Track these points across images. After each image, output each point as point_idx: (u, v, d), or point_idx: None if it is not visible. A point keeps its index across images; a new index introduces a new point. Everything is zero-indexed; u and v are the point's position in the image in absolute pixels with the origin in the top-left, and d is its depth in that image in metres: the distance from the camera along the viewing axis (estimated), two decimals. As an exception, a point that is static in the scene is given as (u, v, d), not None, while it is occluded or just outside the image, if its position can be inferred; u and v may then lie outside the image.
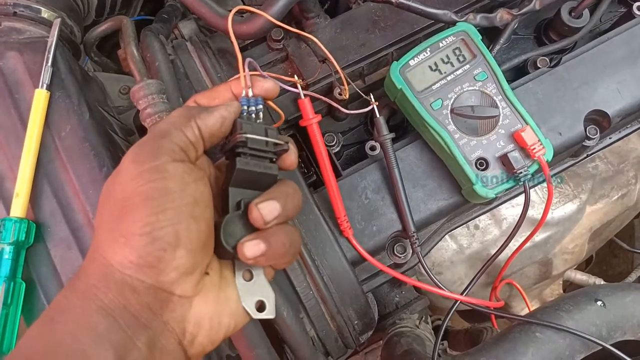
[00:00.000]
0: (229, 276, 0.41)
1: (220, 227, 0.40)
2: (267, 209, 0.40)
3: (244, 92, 0.44)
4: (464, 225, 0.77)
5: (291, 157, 0.45)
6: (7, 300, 0.49)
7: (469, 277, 0.81)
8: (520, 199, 0.75)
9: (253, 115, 0.43)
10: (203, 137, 0.40)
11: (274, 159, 0.43)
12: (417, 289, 0.78)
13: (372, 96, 0.59)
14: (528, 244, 0.79)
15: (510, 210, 0.77)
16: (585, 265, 1.08)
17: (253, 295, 0.42)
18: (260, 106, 0.44)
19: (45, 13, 0.60)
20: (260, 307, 0.42)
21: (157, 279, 0.35)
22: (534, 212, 0.78)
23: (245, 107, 0.43)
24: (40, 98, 0.54)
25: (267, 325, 0.53)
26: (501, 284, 0.80)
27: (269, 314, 0.42)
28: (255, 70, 0.47)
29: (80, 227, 0.52)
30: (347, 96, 0.60)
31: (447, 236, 0.76)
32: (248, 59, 0.46)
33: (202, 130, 0.40)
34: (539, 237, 0.79)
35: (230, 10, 0.54)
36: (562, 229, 0.79)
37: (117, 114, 0.67)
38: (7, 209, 0.52)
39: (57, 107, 0.54)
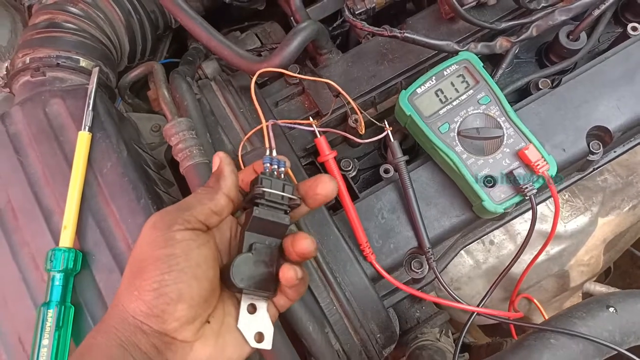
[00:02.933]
0: (229, 324, 0.47)
1: (232, 263, 0.46)
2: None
3: (267, 152, 0.50)
4: (480, 241, 0.81)
5: (302, 211, 0.52)
6: (59, 323, 0.53)
7: (486, 290, 0.84)
8: (530, 213, 0.79)
9: (275, 173, 0.49)
10: (233, 201, 0.47)
11: (287, 211, 0.49)
12: (437, 303, 0.81)
13: (385, 122, 0.64)
14: (543, 257, 0.82)
15: (524, 225, 0.80)
16: (605, 277, 1.09)
17: (254, 327, 0.48)
18: (283, 168, 0.50)
19: (84, 62, 0.67)
20: (260, 338, 0.48)
21: (161, 326, 0.42)
22: (547, 226, 0.81)
23: (268, 165, 0.49)
24: (83, 139, 0.60)
25: (295, 340, 0.56)
26: (518, 297, 0.82)
27: (266, 345, 0.48)
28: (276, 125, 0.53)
29: (121, 253, 0.57)
30: (364, 131, 0.64)
31: (463, 252, 0.80)
32: (271, 121, 0.52)
33: (231, 196, 0.47)
34: (553, 250, 0.81)
35: (248, 50, 0.60)
36: (576, 242, 0.82)
37: (149, 149, 0.72)
38: (56, 240, 0.57)
39: (99, 146, 0.60)
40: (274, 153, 0.51)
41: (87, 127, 0.60)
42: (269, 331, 0.48)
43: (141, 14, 0.75)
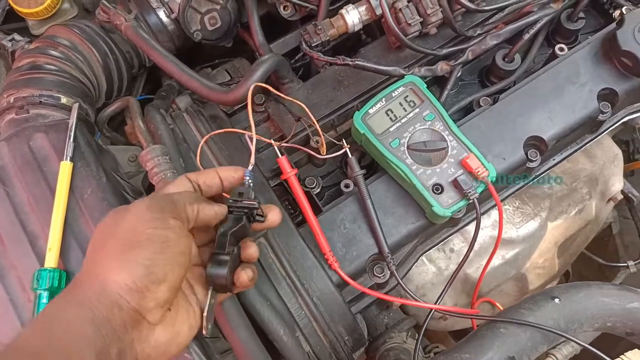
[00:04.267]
0: (183, 314, 0.52)
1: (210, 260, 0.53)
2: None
3: (250, 167, 0.58)
4: (441, 250, 0.87)
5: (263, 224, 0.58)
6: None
7: (451, 296, 0.89)
8: (487, 221, 0.86)
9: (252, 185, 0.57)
10: (196, 219, 0.51)
11: (251, 220, 0.56)
12: (403, 311, 0.86)
13: (344, 141, 0.70)
14: (500, 261, 0.88)
15: (480, 233, 0.86)
16: (566, 281, 1.15)
17: (210, 319, 0.54)
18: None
19: (65, 99, 0.72)
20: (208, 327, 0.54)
21: (139, 303, 0.45)
22: (502, 233, 0.87)
23: (248, 179, 0.57)
24: (65, 169, 0.65)
25: (268, 345, 0.61)
26: (479, 301, 0.88)
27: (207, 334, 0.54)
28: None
29: (103, 272, 0.61)
30: (325, 151, 0.71)
31: (426, 260, 0.85)
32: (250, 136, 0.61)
33: (199, 213, 0.51)
34: (509, 254, 0.88)
35: (219, 84, 0.67)
36: (528, 245, 0.88)
37: (127, 178, 0.78)
38: (41, 262, 0.62)
39: (79, 174, 0.66)
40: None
41: (68, 157, 0.65)
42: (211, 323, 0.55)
43: (117, 55, 0.81)
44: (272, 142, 0.67)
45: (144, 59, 0.87)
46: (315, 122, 0.69)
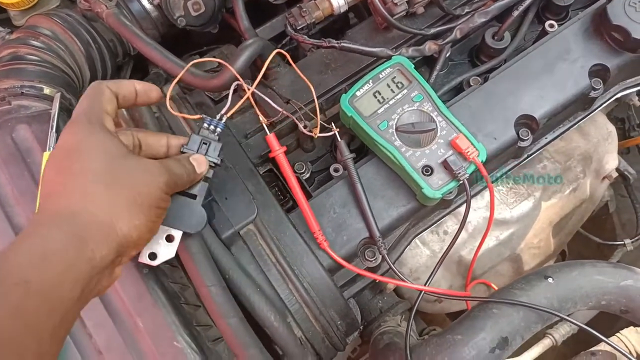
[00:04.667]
0: None
1: None
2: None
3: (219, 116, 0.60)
4: (435, 232, 0.86)
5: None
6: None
7: (446, 279, 0.89)
8: (481, 202, 0.85)
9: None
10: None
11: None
12: (398, 294, 0.86)
13: (333, 125, 0.69)
14: (494, 243, 0.88)
15: (473, 214, 0.85)
16: (562, 260, 1.15)
17: None
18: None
19: (47, 90, 0.71)
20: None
21: (130, 252, 0.48)
22: (496, 214, 0.86)
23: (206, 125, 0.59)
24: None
25: (259, 331, 0.61)
26: (474, 282, 0.88)
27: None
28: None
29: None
30: (317, 134, 0.69)
31: (420, 243, 0.85)
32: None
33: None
34: (503, 235, 0.87)
35: (206, 70, 0.67)
36: (523, 225, 0.87)
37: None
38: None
39: (63, 165, 0.64)
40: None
41: (51, 148, 0.64)
42: None
43: (100, 44, 0.80)
44: (262, 118, 0.65)
45: (128, 47, 0.86)
46: (316, 98, 0.67)
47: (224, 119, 0.60)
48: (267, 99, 0.66)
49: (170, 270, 0.64)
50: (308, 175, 0.75)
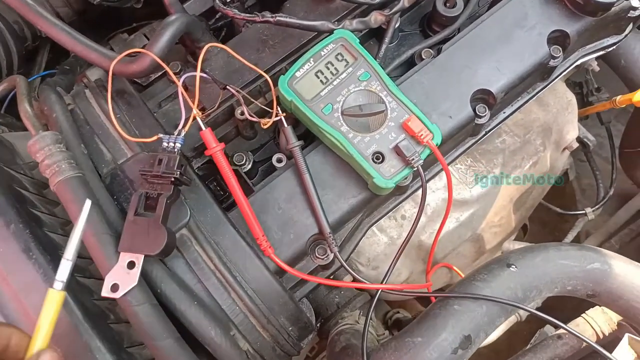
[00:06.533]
0: None
1: None
2: None
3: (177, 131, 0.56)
4: (392, 218, 0.81)
5: None
6: None
7: (406, 266, 0.84)
8: (439, 183, 0.80)
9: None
10: None
11: None
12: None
13: (279, 109, 0.62)
14: (455, 224, 0.83)
15: (432, 196, 0.80)
16: (524, 235, 1.12)
17: None
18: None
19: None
20: None
21: None
22: (455, 194, 0.82)
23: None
24: (-63, 168, 0.54)
25: (199, 347, 0.54)
26: (435, 267, 0.83)
27: None
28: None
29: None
30: (266, 125, 0.61)
31: (376, 230, 0.79)
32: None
33: None
34: (463, 215, 0.82)
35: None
36: (483, 204, 0.83)
37: (29, 169, 0.67)
38: None
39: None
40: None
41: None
42: None
43: (1, 26, 0.69)
44: (195, 110, 0.57)
45: (37, 29, 0.75)
46: (269, 79, 0.60)
47: (183, 133, 0.56)
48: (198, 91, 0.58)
49: (96, 284, 0.57)
50: (250, 166, 0.68)
